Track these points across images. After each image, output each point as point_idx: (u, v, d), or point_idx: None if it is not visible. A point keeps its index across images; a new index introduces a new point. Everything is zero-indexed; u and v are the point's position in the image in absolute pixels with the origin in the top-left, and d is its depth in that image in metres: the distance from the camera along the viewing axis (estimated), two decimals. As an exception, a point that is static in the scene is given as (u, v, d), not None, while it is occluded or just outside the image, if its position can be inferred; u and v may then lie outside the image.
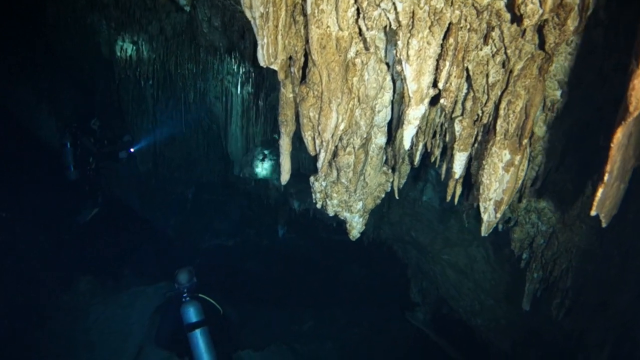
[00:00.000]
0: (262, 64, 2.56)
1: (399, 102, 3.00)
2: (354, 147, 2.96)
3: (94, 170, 9.02)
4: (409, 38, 2.26)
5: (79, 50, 8.45)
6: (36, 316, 8.30)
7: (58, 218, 9.37)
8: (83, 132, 8.56)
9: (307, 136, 2.79)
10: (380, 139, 3.06)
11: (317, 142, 2.74)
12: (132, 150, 9.38)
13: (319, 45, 2.43)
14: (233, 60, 6.78)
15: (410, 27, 2.24)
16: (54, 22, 7.67)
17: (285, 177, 3.15)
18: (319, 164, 2.81)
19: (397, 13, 2.21)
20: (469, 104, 2.67)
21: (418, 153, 3.31)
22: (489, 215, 2.69)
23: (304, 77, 2.72)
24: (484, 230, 2.82)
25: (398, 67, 2.40)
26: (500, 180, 2.58)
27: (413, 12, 2.20)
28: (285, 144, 3.03)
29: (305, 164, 8.00)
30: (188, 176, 11.28)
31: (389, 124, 3.07)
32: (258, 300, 9.91)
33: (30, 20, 8.01)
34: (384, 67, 2.71)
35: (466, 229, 6.66)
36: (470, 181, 3.32)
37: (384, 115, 2.91)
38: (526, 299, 4.42)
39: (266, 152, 8.57)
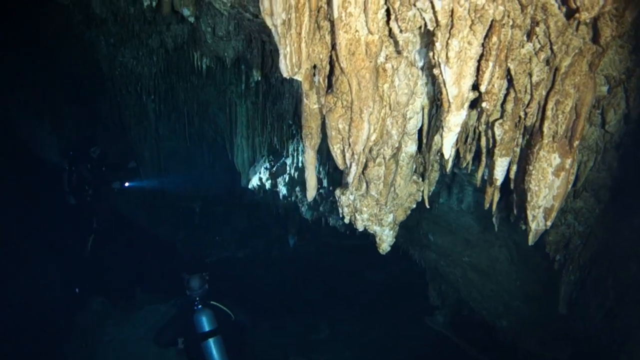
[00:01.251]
0: (285, 74, 2.37)
1: (429, 107, 2.81)
2: (384, 158, 2.77)
3: (92, 196, 8.91)
4: (449, 39, 2.07)
5: (79, 67, 8.27)
6: (53, 337, 8.20)
7: (64, 240, 9.21)
8: (80, 159, 8.48)
9: (336, 149, 2.60)
10: (410, 147, 2.87)
11: (347, 155, 2.55)
12: (126, 184, 9.30)
13: (347, 52, 2.25)
14: (238, 70, 6.59)
15: (449, 27, 2.05)
16: (51, 39, 7.50)
17: (311, 193, 2.96)
18: (350, 178, 2.62)
19: (434, 12, 2.02)
20: (509, 106, 2.48)
21: (450, 159, 3.12)
22: (538, 224, 2.50)
23: (329, 87, 2.54)
24: (532, 239, 2.64)
25: (435, 71, 2.22)
26: (550, 186, 2.39)
27: (452, 11, 2.01)
28: (310, 158, 2.84)
29: (315, 171, 7.83)
30: (194, 189, 11.09)
31: (419, 130, 2.88)
32: (272, 311, 9.73)
33: (28, 36, 7.84)
34: (415, 71, 2.52)
35: (487, 230, 6.47)
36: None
37: (415, 122, 2.72)
38: (562, 303, 4.23)
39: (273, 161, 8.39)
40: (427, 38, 2.43)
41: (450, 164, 3.13)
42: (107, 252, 9.66)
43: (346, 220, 3.20)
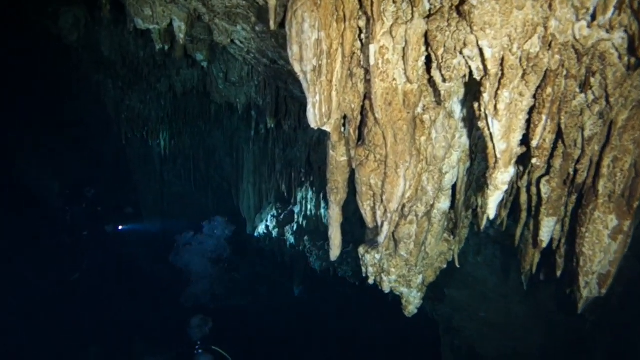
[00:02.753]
0: (313, 125, 2.17)
1: (465, 160, 2.60)
2: (416, 216, 2.54)
3: (87, 236, 8.72)
4: (498, 89, 1.88)
5: (85, 109, 8.16)
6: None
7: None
8: (75, 199, 8.33)
9: (366, 206, 2.38)
10: (444, 204, 2.65)
11: (379, 212, 2.32)
12: (120, 228, 9.12)
13: (383, 102, 2.05)
14: (248, 115, 6.45)
15: (499, 77, 1.86)
16: (59, 81, 7.41)
17: (335, 252, 2.72)
18: (381, 238, 2.39)
19: (484, 60, 1.83)
20: (557, 161, 2.26)
21: (485, 216, 2.89)
22: (591, 291, 2.25)
23: (359, 138, 2.34)
24: (581, 307, 2.37)
25: (480, 124, 2.01)
26: (606, 250, 2.16)
27: (503, 59, 1.82)
28: (335, 215, 2.61)
29: (324, 222, 7.58)
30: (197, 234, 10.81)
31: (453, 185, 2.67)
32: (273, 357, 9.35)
33: (35, 78, 7.76)
34: (454, 122, 2.33)
35: (504, 283, 6.18)
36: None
37: (450, 177, 2.51)
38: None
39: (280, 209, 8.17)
40: (468, 87, 2.25)
41: (484, 222, 2.90)
42: (104, 297, 9.32)
43: (370, 281, 2.94)
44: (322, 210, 7.35)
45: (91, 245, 9.20)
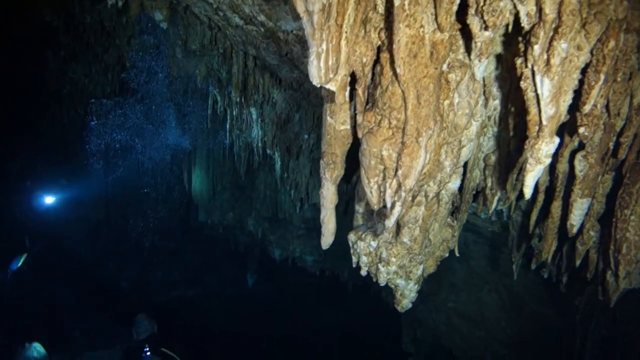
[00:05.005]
0: (316, 81, 1.76)
1: (480, 134, 2.27)
2: (426, 196, 2.18)
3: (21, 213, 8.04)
4: (552, 40, 1.53)
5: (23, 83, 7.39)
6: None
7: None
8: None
9: (372, 184, 1.98)
10: (454, 183, 2.30)
11: (389, 191, 1.93)
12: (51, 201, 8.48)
13: (407, 53, 1.66)
14: (205, 93, 5.93)
15: (555, 24, 1.51)
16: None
17: (328, 240, 2.32)
18: (390, 222, 2.00)
19: (540, 2, 1.48)
20: (597, 134, 1.94)
21: (496, 198, 2.56)
22: (631, 282, 1.95)
23: (368, 101, 1.94)
24: (614, 300, 2.08)
25: (523, 84, 1.67)
26: (655, 236, 1.86)
27: (562, 2, 1.48)
28: (329, 195, 2.21)
29: (284, 207, 7.15)
30: (144, 223, 10.15)
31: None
32: (226, 354, 8.89)
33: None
34: (478, 86, 1.97)
35: (474, 272, 5.98)
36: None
37: (467, 152, 2.16)
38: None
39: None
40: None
41: (494, 204, 2.57)
42: (43, 288, 8.60)
43: (363, 272, 2.57)
44: (282, 196, 6.94)
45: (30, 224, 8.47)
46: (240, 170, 6.86)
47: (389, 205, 1.96)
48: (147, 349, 5.03)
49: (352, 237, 2.58)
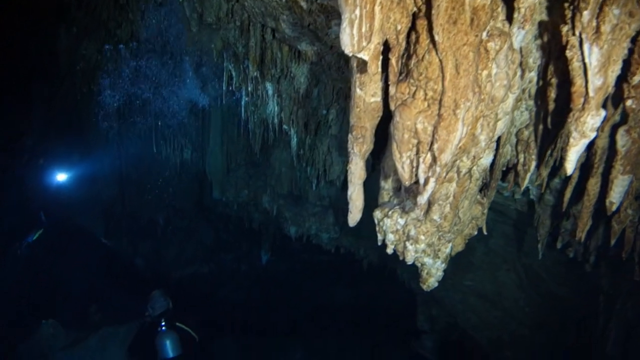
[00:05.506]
0: (348, 49, 1.66)
1: (515, 108, 2.17)
2: (458, 172, 2.10)
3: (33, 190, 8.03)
4: (604, 5, 1.43)
5: (38, 59, 7.31)
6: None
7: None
8: (11, 151, 7.63)
9: (405, 158, 1.90)
10: (486, 159, 2.21)
11: (422, 167, 1.85)
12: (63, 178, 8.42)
13: (447, 19, 1.57)
14: (219, 67, 5.82)
15: (609, -15, 1.40)
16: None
17: (356, 216, 2.25)
18: (423, 199, 1.92)
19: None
20: (642, 106, 1.84)
21: (528, 175, 2.47)
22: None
23: (401, 72, 1.85)
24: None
25: (568, 53, 1.57)
26: None
27: (617, -39, 1.37)
28: (358, 170, 2.13)
29: (299, 184, 7.08)
30: (158, 200, 10.14)
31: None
32: (240, 330, 8.92)
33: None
34: (517, 56, 1.87)
35: (492, 251, 5.90)
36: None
37: (501, 126, 2.06)
38: (612, 343, 3.63)
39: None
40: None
41: (527, 180, 2.48)
42: (58, 264, 8.61)
43: (389, 250, 2.50)
44: (298, 173, 6.87)
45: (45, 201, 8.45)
46: (254, 147, 6.79)
47: (421, 181, 1.88)
48: (163, 323, 5.07)
49: (377, 214, 2.51)
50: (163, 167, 9.60)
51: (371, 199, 2.48)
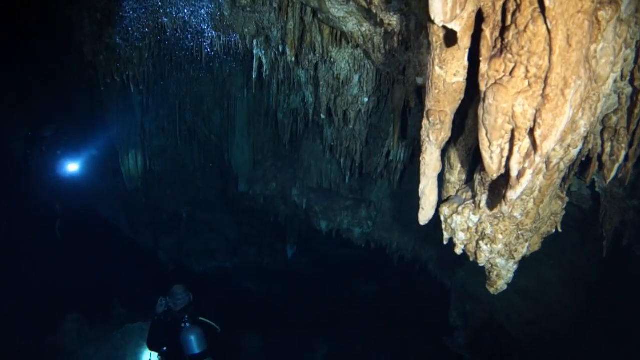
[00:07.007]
0: (439, 18, 1.43)
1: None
2: (548, 163, 1.84)
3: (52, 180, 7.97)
4: None
5: (55, 51, 7.15)
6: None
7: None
8: (34, 140, 7.56)
9: (494, 147, 1.65)
10: (577, 148, 1.95)
11: (517, 156, 1.60)
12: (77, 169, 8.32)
13: (561, -19, 1.32)
14: (247, 55, 5.59)
15: None
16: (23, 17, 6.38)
17: (428, 213, 2.00)
18: (515, 194, 1.67)
19: None
20: None
21: (616, 166, 2.21)
22: None
23: (495, 46, 1.60)
24: None
25: None
26: None
27: None
28: (433, 161, 1.89)
29: (330, 177, 6.85)
30: (182, 193, 10.00)
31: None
32: (264, 326, 8.79)
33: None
34: (625, 30, 1.61)
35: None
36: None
37: (600, 111, 1.80)
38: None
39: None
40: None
41: (614, 171, 2.22)
42: (80, 259, 8.53)
43: (458, 251, 2.26)
44: (329, 165, 6.63)
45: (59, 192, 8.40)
46: (283, 138, 6.58)
47: (514, 173, 1.63)
48: (187, 318, 4.97)
49: (445, 210, 2.27)
50: (187, 159, 9.47)
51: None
